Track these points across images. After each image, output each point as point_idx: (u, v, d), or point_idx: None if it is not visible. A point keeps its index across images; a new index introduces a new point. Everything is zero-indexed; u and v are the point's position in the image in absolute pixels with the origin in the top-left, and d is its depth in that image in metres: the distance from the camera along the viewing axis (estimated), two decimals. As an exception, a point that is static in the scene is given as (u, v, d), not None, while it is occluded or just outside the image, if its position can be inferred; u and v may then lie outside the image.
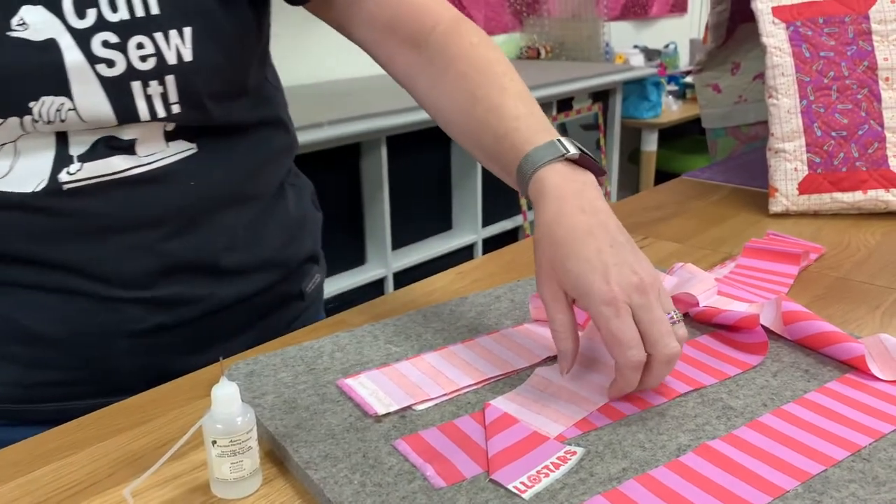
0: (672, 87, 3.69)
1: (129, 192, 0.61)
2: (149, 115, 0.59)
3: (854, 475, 0.47)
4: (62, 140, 0.58)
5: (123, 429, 0.57)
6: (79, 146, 0.59)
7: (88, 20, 0.55)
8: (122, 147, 0.60)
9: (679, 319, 0.54)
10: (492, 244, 2.61)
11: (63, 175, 0.59)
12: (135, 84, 0.57)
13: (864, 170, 0.97)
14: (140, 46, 0.57)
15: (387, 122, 2.04)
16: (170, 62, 0.58)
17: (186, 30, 0.58)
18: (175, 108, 0.60)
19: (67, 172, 0.59)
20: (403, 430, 0.52)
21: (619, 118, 3.17)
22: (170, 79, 0.58)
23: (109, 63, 0.56)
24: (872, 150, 0.97)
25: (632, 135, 3.51)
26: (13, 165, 0.58)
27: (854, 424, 0.52)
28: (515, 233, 2.81)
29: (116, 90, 0.57)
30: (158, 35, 0.57)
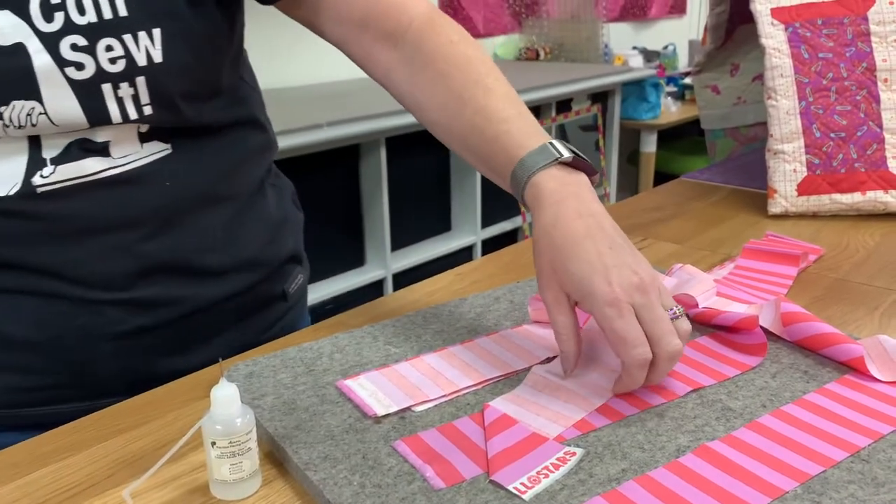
0: (671, 89, 3.69)
1: (105, 194, 0.60)
2: (120, 118, 0.58)
3: (853, 476, 0.47)
4: (35, 144, 0.58)
5: (122, 430, 0.57)
6: (51, 149, 0.58)
7: (56, 24, 0.55)
8: (96, 149, 0.60)
9: (681, 314, 0.55)
10: (491, 245, 2.61)
11: (37, 178, 0.58)
12: (105, 86, 0.57)
13: (863, 171, 0.97)
14: (109, 49, 0.56)
15: (386, 124, 2.05)
16: (140, 64, 0.57)
17: (155, 31, 0.58)
18: (147, 110, 0.59)
19: (41, 175, 0.58)
20: (403, 432, 0.52)
21: (618, 119, 3.17)
22: (140, 80, 0.58)
23: (79, 66, 0.56)
24: (871, 152, 0.97)
25: (631, 136, 3.51)
26: None
27: (853, 425, 0.52)
28: (514, 234, 2.81)
29: (87, 93, 0.57)
30: (127, 37, 0.57)
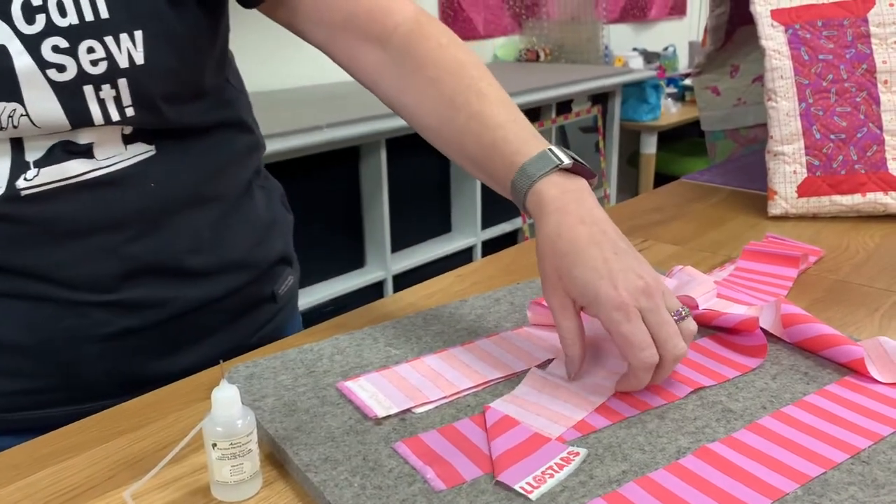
0: (671, 90, 3.69)
1: (89, 196, 0.60)
2: (102, 119, 0.58)
3: (853, 478, 0.47)
4: (17, 146, 0.58)
5: (123, 431, 0.57)
6: (34, 151, 0.58)
7: (37, 26, 0.55)
8: (80, 151, 0.59)
9: (687, 315, 0.55)
10: (491, 247, 2.61)
11: (21, 181, 0.58)
12: (87, 88, 0.57)
13: (863, 173, 0.97)
14: (91, 51, 0.56)
15: (386, 125, 2.05)
16: (121, 66, 0.57)
17: (137, 33, 0.58)
18: (129, 112, 0.59)
19: (25, 178, 0.58)
20: (403, 433, 0.52)
21: (619, 121, 3.17)
22: (122, 82, 0.58)
23: (60, 68, 0.55)
24: (871, 153, 0.97)
25: (631, 137, 3.51)
26: None
27: (853, 427, 0.52)
28: (515, 235, 2.81)
29: (68, 95, 0.56)
30: (109, 39, 0.56)
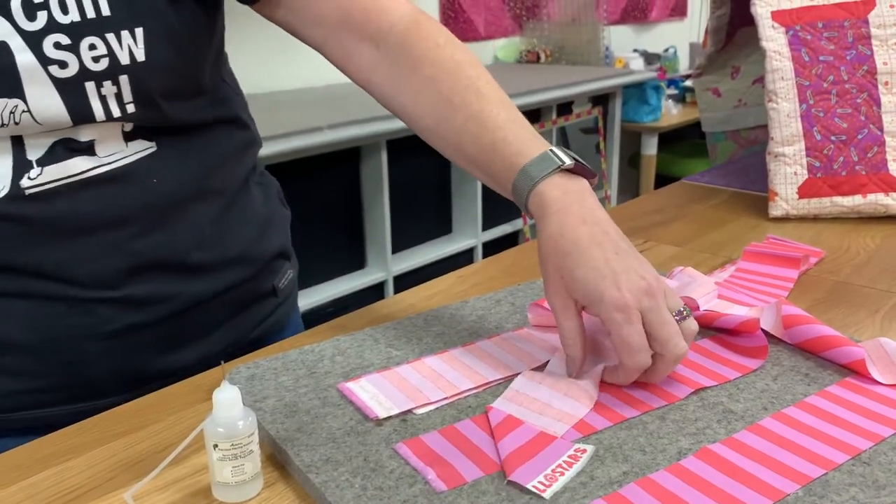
0: (672, 91, 3.69)
1: (93, 193, 0.61)
2: (104, 116, 0.59)
3: (854, 479, 0.47)
4: (18, 144, 0.58)
5: (124, 432, 0.57)
6: (36, 149, 0.58)
7: (39, 22, 0.55)
8: (81, 148, 0.60)
9: (688, 315, 0.56)
10: (492, 248, 2.61)
11: (24, 181, 0.58)
12: (88, 85, 0.57)
13: (864, 174, 0.97)
14: (92, 47, 0.56)
15: (387, 126, 2.05)
16: (123, 62, 0.58)
17: (138, 30, 0.58)
18: (130, 108, 0.59)
19: (28, 178, 0.58)
20: (404, 434, 0.52)
21: (619, 122, 3.17)
22: (123, 79, 0.58)
23: (62, 64, 0.56)
24: (872, 154, 0.97)
25: (632, 138, 3.51)
26: None
27: (854, 428, 0.52)
28: (515, 237, 2.81)
29: (70, 91, 0.57)
30: (110, 36, 0.57)
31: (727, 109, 1.32)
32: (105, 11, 0.57)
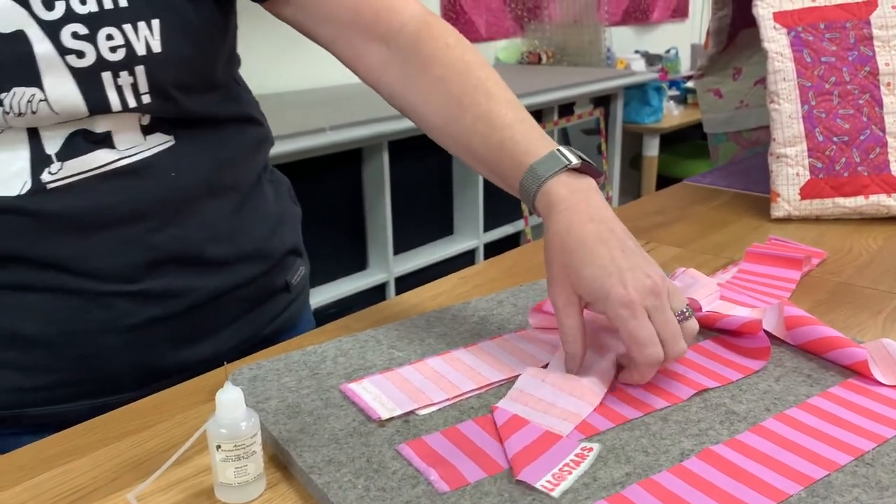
0: (673, 92, 3.69)
1: (113, 186, 0.61)
2: (120, 106, 0.59)
3: (857, 480, 0.47)
4: (34, 138, 0.58)
5: (127, 433, 0.57)
6: (52, 142, 0.59)
7: (57, 12, 0.55)
8: (100, 140, 0.60)
9: (690, 315, 0.57)
10: (493, 249, 2.61)
11: (45, 175, 0.59)
12: (105, 75, 0.58)
13: (866, 175, 0.97)
14: (109, 38, 0.57)
15: (388, 128, 2.05)
16: (139, 53, 0.58)
17: (154, 22, 0.59)
18: (146, 99, 0.60)
19: (49, 172, 0.59)
20: (407, 435, 0.52)
21: (621, 123, 3.17)
22: (139, 69, 0.59)
23: (79, 54, 0.56)
24: (874, 155, 0.97)
25: (633, 140, 3.51)
26: None
27: (857, 429, 0.52)
28: (517, 238, 2.81)
29: (87, 81, 0.57)
30: (127, 27, 0.58)
31: (729, 110, 1.32)
32: (122, 3, 0.57)
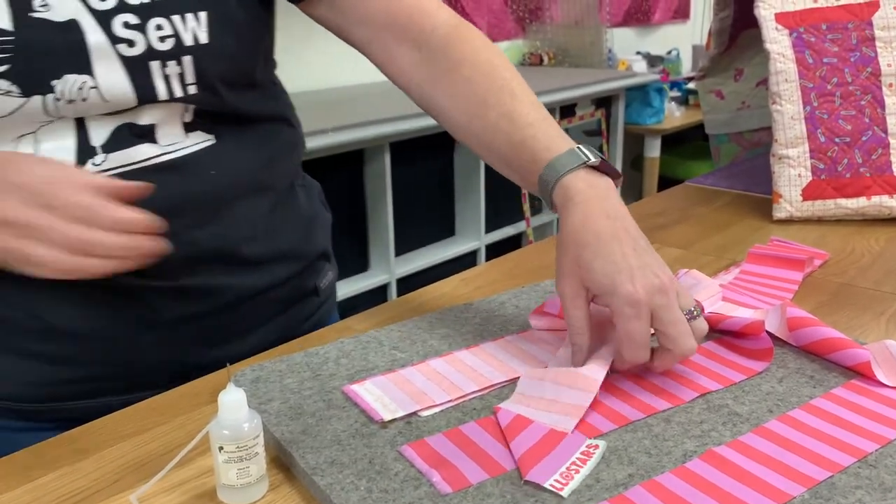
0: (675, 93, 3.69)
1: (154, 181, 0.61)
2: (167, 95, 0.60)
3: (861, 481, 0.47)
4: (81, 129, 0.59)
5: (130, 434, 0.57)
6: (99, 133, 0.60)
7: (109, 2, 0.57)
8: (144, 134, 0.61)
9: (698, 314, 0.57)
10: (495, 250, 2.61)
11: (89, 166, 0.60)
12: (153, 64, 0.59)
13: (868, 176, 0.97)
14: (159, 28, 0.59)
15: (390, 129, 2.05)
16: (186, 43, 0.60)
17: (202, 14, 0.61)
18: (192, 90, 0.62)
19: (93, 164, 0.60)
20: (409, 436, 0.52)
21: (622, 124, 3.17)
22: (187, 59, 0.60)
23: (130, 43, 0.58)
24: (876, 156, 0.97)
25: (635, 141, 3.51)
26: (35, 154, 0.59)
27: (860, 430, 0.52)
28: (518, 239, 2.81)
29: (136, 69, 0.59)
30: (176, 18, 0.59)
31: (730, 111, 1.32)
32: None
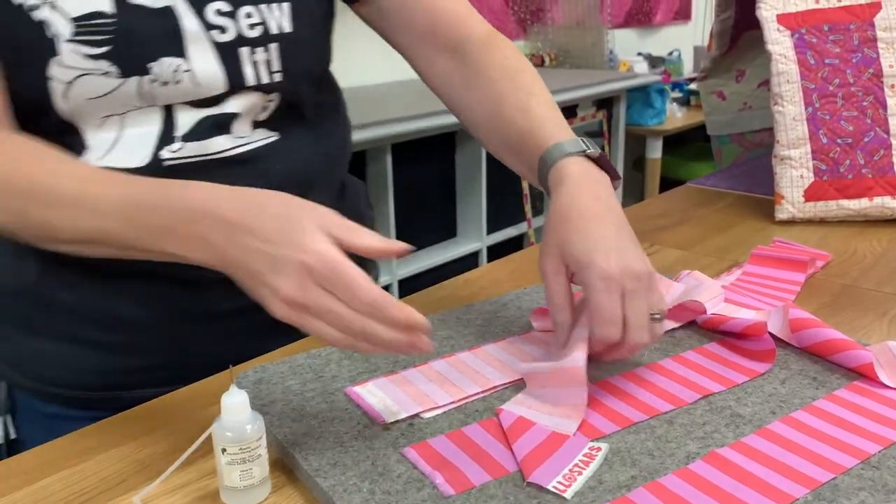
0: (676, 94, 3.69)
1: (223, 173, 0.62)
2: (254, 80, 0.63)
3: (863, 483, 0.47)
4: (168, 117, 0.62)
5: (133, 436, 0.57)
6: (184, 122, 0.62)
7: None
8: (221, 127, 0.64)
9: (661, 319, 0.57)
10: (496, 251, 2.61)
11: (165, 152, 0.62)
12: (243, 50, 0.62)
13: (870, 177, 0.97)
14: (249, 16, 0.62)
15: (392, 130, 2.05)
16: (273, 32, 0.63)
17: (285, 5, 0.64)
18: (277, 77, 0.65)
19: (170, 150, 0.62)
20: (412, 438, 0.52)
21: (624, 125, 3.17)
22: (273, 47, 0.64)
23: (222, 29, 0.61)
24: (878, 157, 0.97)
25: (636, 142, 3.51)
26: (118, 139, 0.61)
27: (863, 432, 0.52)
28: (520, 240, 2.81)
29: (227, 55, 0.62)
30: (264, 6, 0.63)
31: (732, 112, 1.32)
32: None
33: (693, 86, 3.63)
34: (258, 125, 0.66)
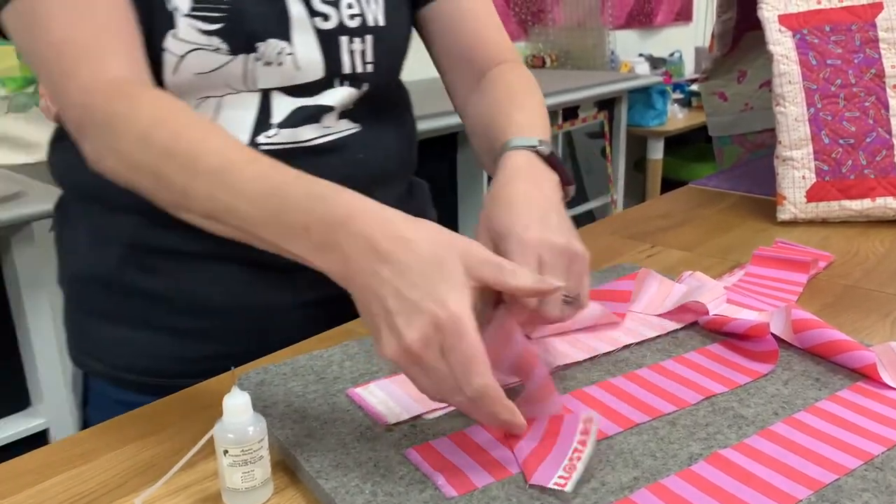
0: (678, 95, 3.68)
1: (310, 161, 0.62)
2: (350, 68, 0.67)
3: (867, 484, 0.47)
4: (265, 104, 0.64)
5: (134, 438, 0.57)
6: (280, 110, 0.65)
7: None
8: (314, 116, 0.66)
9: (573, 304, 0.55)
10: (498, 253, 2.61)
11: (261, 138, 0.64)
12: (343, 38, 0.66)
13: (873, 177, 0.97)
14: (349, 6, 0.66)
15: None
16: (369, 23, 0.67)
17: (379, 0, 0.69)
18: (370, 67, 0.68)
19: (266, 136, 0.65)
20: (414, 440, 0.52)
21: (625, 126, 3.17)
22: (369, 38, 0.67)
23: (325, 17, 0.65)
24: (880, 158, 0.97)
25: (637, 143, 3.51)
26: (213, 121, 0.62)
27: (866, 433, 0.52)
28: (521, 241, 2.80)
29: (328, 41, 0.65)
30: None
31: (734, 113, 1.32)
32: None
33: (694, 87, 3.63)
34: (342, 115, 0.69)
